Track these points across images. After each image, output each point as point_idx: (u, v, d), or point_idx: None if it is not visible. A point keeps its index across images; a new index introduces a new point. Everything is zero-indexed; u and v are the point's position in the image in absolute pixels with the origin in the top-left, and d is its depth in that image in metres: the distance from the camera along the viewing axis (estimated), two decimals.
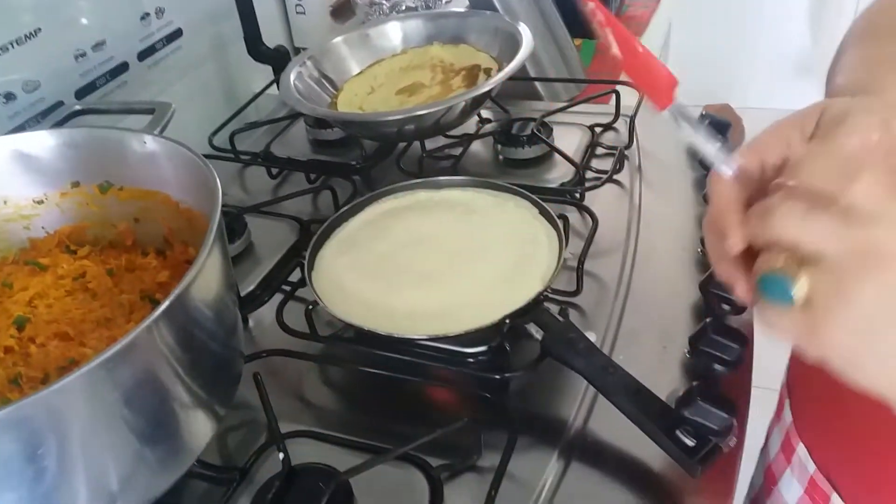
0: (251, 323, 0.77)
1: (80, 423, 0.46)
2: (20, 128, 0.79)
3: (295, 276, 0.79)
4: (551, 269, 0.67)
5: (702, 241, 0.78)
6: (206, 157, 0.97)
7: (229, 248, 0.81)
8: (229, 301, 0.60)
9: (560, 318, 0.63)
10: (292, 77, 0.93)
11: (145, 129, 0.65)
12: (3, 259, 0.70)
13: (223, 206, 0.89)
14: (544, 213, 0.73)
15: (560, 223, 0.71)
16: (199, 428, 0.57)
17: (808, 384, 0.68)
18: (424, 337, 0.63)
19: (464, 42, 1.02)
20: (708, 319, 0.65)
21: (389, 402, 0.66)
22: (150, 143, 0.63)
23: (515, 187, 0.77)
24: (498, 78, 0.89)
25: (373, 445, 0.61)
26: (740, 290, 0.42)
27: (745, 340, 0.64)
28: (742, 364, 0.64)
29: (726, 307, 0.68)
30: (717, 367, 0.63)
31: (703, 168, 0.90)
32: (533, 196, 0.75)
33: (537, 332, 0.62)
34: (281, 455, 0.57)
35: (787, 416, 0.71)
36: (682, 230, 0.82)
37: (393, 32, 1.03)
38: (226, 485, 0.60)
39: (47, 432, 0.45)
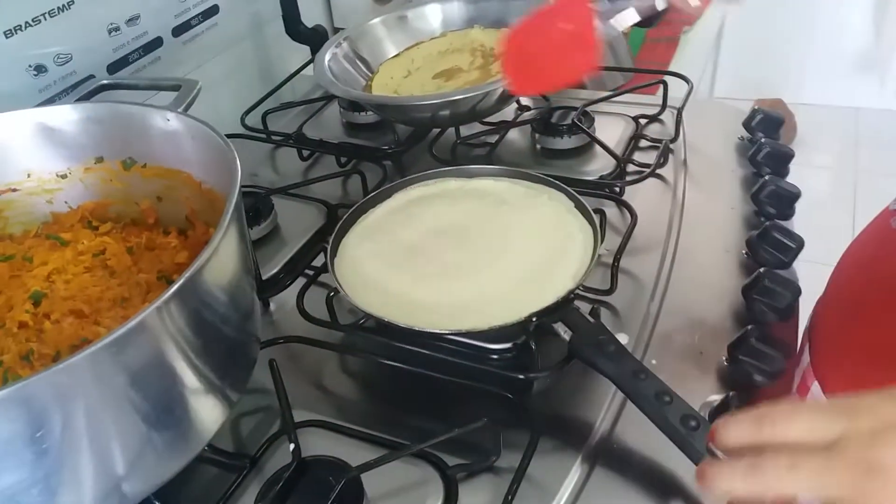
0: (272, 306, 0.75)
1: (85, 404, 0.45)
2: (50, 101, 0.79)
3: (319, 260, 0.77)
4: (584, 267, 0.64)
5: (747, 243, 0.74)
6: (238, 136, 0.98)
7: (255, 229, 0.81)
8: (246, 284, 0.58)
9: (590, 319, 0.60)
10: (327, 58, 0.91)
11: (169, 106, 0.63)
12: (26, 232, 0.69)
13: (250, 186, 0.91)
14: (580, 206, 0.70)
15: (596, 218, 0.68)
16: (211, 413, 0.55)
17: (828, 327, 0.72)
18: (446, 332, 0.60)
19: (505, 26, 0.98)
20: (749, 327, 0.61)
21: (408, 396, 0.63)
22: (174, 121, 0.62)
23: (551, 178, 0.73)
24: None
25: (388, 440, 0.58)
26: None
27: (788, 350, 0.60)
28: (784, 375, 0.60)
29: (771, 314, 0.64)
30: (757, 377, 0.59)
31: (752, 166, 0.85)
32: (568, 189, 0.72)
33: (565, 333, 0.59)
34: (291, 446, 0.55)
35: (805, 358, 0.72)
36: (727, 230, 0.78)
37: (432, 15, 1.00)
38: (236, 472, 0.58)
39: (52, 412, 0.44)
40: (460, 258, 0.67)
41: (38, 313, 0.60)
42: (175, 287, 0.46)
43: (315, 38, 1.11)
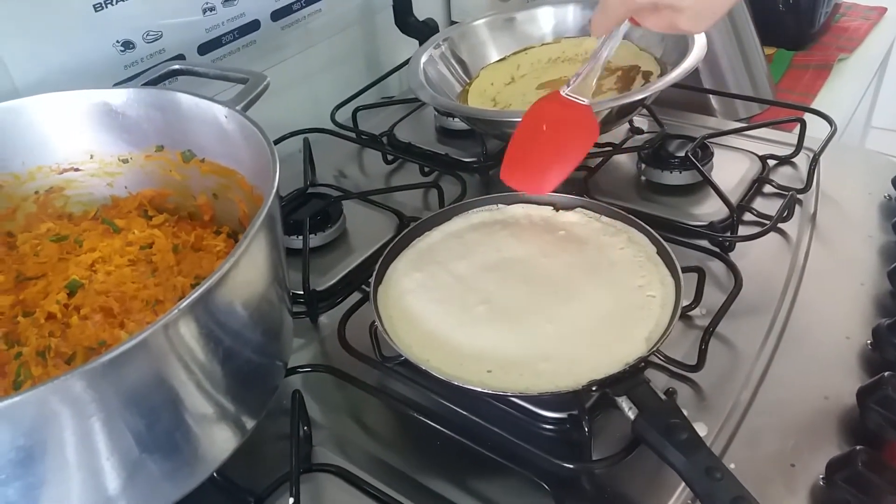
0: (324, 320, 0.70)
1: (76, 422, 0.42)
2: (136, 78, 0.77)
3: None
4: (660, 329, 0.54)
5: (874, 333, 0.61)
6: (326, 132, 0.94)
7: (319, 235, 0.76)
8: (275, 302, 0.54)
9: (662, 396, 0.51)
10: (423, 59, 0.84)
11: (230, 102, 0.58)
12: (85, 213, 0.68)
13: (328, 185, 0.86)
14: (663, 253, 0.60)
15: (679, 271, 0.58)
16: (219, 440, 0.51)
17: None
18: (487, 391, 0.53)
19: (626, 38, 0.88)
20: (859, 447, 0.50)
21: (441, 458, 0.56)
22: (230, 119, 0.57)
23: (631, 217, 0.64)
24: (655, 87, 0.75)
25: None
26: None
27: None
28: None
29: (891, 432, 0.52)
30: None
31: (895, 234, 0.71)
32: (651, 230, 0.62)
33: (630, 410, 0.50)
34: (291, 500, 0.49)
35: None
36: (852, 311, 0.65)
37: (544, 18, 0.91)
38: None
39: (40, 428, 0.41)
40: (516, 300, 0.59)
41: (69, 305, 0.58)
42: (185, 303, 0.42)
43: (425, 32, 1.05)
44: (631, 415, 0.50)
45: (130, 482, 0.46)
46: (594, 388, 0.51)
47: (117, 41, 0.75)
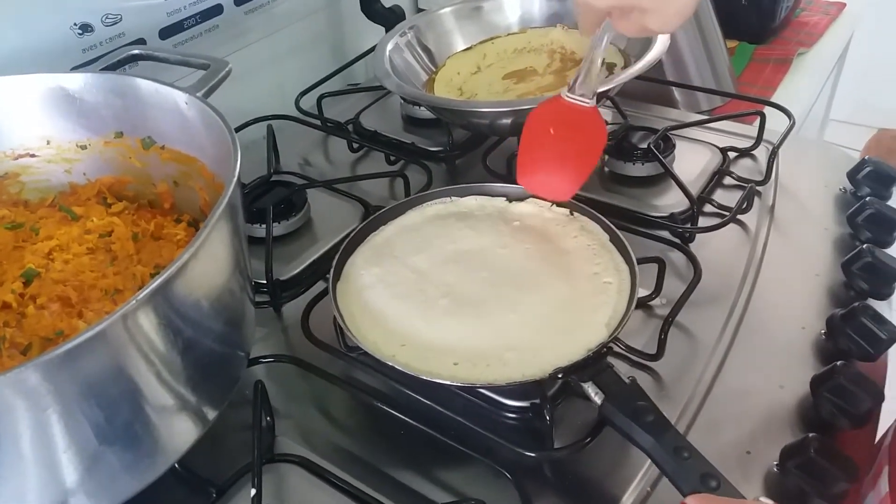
0: (287, 310, 0.70)
1: (31, 414, 0.41)
2: (94, 62, 0.75)
3: None
4: (618, 315, 0.56)
5: (828, 323, 0.63)
6: (290, 118, 0.93)
7: (283, 223, 0.75)
8: (236, 292, 0.53)
9: (626, 380, 0.51)
10: (389, 47, 0.84)
11: (191, 88, 0.57)
12: (42, 200, 0.66)
13: (292, 173, 0.85)
14: (616, 240, 0.61)
15: (633, 257, 0.59)
16: (179, 431, 0.51)
17: None
18: (456, 384, 0.53)
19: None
20: (811, 434, 0.51)
21: (404, 448, 0.56)
22: (190, 106, 0.56)
23: (583, 206, 0.64)
24: (619, 79, 0.75)
25: (368, 497, 0.51)
26: None
27: (852, 471, 0.49)
28: (845, 500, 0.49)
29: (842, 420, 0.54)
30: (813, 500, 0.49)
31: (849, 226, 0.73)
32: (603, 219, 0.63)
33: (596, 395, 0.51)
34: (253, 491, 0.49)
35: (883, 485, 0.59)
36: (808, 301, 0.66)
37: (510, 8, 0.91)
38: (202, 500, 0.53)
39: None
40: (476, 292, 0.59)
41: (25, 294, 0.56)
42: (144, 293, 0.41)
43: (391, 19, 1.04)
44: (598, 400, 0.50)
45: (89, 475, 0.45)
46: (560, 376, 0.52)
47: (75, 24, 0.73)
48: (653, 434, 0.47)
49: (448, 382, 0.53)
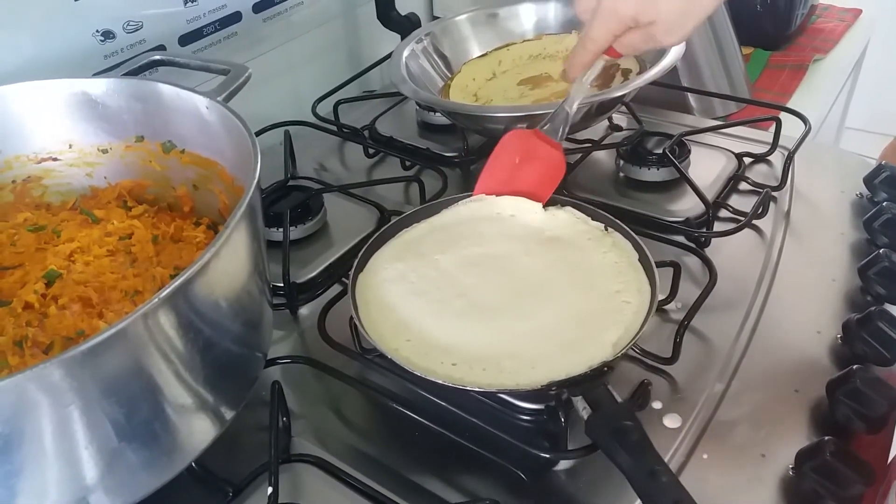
0: (303, 312, 0.70)
1: (54, 410, 0.42)
2: (116, 68, 0.76)
3: None
4: (629, 336, 0.54)
5: (844, 327, 0.62)
6: (307, 124, 0.94)
7: (300, 227, 0.76)
8: (255, 293, 0.54)
9: (617, 399, 0.50)
10: (405, 53, 0.85)
11: (212, 93, 0.58)
12: (63, 203, 0.67)
13: (309, 178, 0.86)
14: (644, 261, 0.60)
15: (657, 280, 0.58)
16: (197, 431, 0.51)
17: None
18: (449, 384, 0.52)
19: None
20: (827, 438, 0.51)
21: (418, 449, 0.57)
22: (211, 110, 0.57)
23: (618, 222, 0.64)
24: (634, 84, 0.76)
25: (383, 497, 0.52)
26: None
27: (870, 475, 0.49)
28: None
29: (858, 423, 0.53)
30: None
31: (865, 231, 0.73)
32: (636, 237, 0.62)
33: (584, 410, 0.50)
34: (269, 490, 0.49)
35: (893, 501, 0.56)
36: (824, 306, 0.66)
37: (525, 15, 0.92)
38: (219, 499, 0.54)
39: (17, 415, 0.41)
40: (493, 297, 0.59)
41: (47, 294, 0.57)
42: (164, 293, 0.42)
43: (407, 26, 1.05)
44: (584, 414, 0.50)
45: (108, 471, 0.46)
46: (553, 389, 0.51)
47: (97, 31, 0.75)
48: (632, 454, 0.47)
49: (442, 381, 0.52)
